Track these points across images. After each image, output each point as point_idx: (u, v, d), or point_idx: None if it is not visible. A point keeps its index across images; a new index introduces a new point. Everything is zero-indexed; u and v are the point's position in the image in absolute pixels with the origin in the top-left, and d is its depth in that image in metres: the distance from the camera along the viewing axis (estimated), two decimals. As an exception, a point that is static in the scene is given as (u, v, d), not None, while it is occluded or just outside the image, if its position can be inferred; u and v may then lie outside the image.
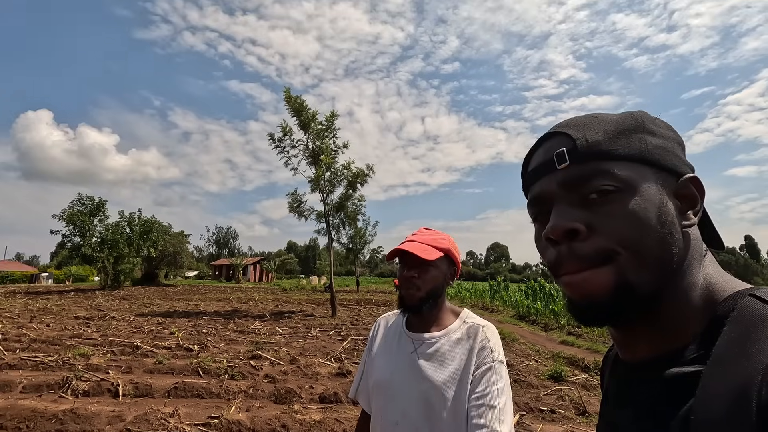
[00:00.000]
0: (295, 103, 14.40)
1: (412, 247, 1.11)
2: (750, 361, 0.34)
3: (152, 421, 3.93)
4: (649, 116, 0.49)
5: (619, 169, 0.44)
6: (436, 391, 1.04)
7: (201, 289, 32.40)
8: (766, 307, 0.37)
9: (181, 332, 9.51)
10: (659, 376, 0.42)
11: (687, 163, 0.48)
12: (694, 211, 0.46)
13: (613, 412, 0.51)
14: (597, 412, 4.54)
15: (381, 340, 1.23)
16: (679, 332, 0.43)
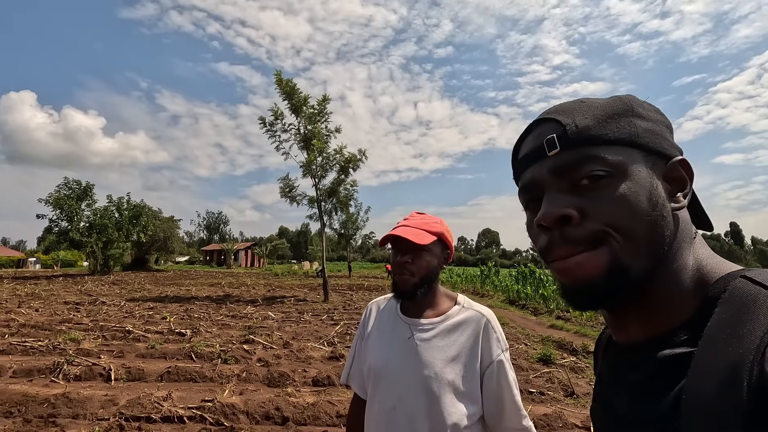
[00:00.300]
0: (286, 87, 14.17)
1: (405, 232, 1.09)
2: (741, 342, 0.34)
3: (145, 405, 3.94)
4: (637, 100, 0.48)
5: (609, 154, 0.44)
6: (434, 376, 1.04)
7: (192, 275, 32.28)
8: (757, 288, 0.37)
9: (172, 317, 9.49)
10: (652, 358, 0.43)
11: (675, 145, 0.48)
12: (683, 194, 0.46)
13: (607, 394, 0.51)
14: (585, 394, 4.66)
15: (374, 325, 1.21)
16: (671, 314, 0.43)
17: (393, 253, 1.14)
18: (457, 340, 1.08)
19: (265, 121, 14.62)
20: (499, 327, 1.13)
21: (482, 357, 1.07)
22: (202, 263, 63.16)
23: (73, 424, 3.59)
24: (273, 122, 14.63)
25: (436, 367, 1.05)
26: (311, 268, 44.42)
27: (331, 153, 14.89)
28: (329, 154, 14.87)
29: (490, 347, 1.08)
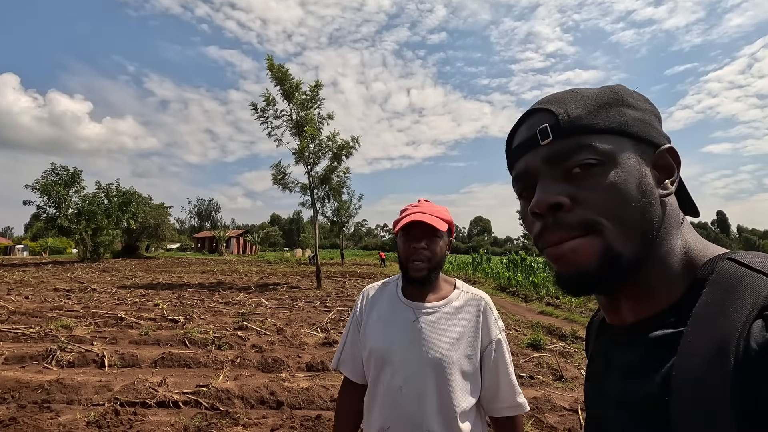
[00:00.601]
0: (278, 72, 13.97)
1: (427, 218, 1.11)
2: (728, 320, 0.36)
3: (140, 390, 3.96)
4: (627, 89, 0.50)
5: (600, 143, 0.45)
6: (440, 356, 1.08)
7: (184, 262, 32.14)
8: (743, 269, 0.38)
9: (165, 304, 9.48)
10: (643, 339, 0.44)
11: (664, 134, 0.49)
12: (671, 181, 0.47)
13: (600, 374, 0.53)
14: (573, 378, 4.78)
15: (372, 310, 1.23)
16: (661, 296, 0.45)
17: (405, 239, 1.15)
18: (459, 323, 1.13)
19: (256, 107, 14.45)
20: (495, 310, 1.19)
21: (482, 338, 1.12)
22: (193, 251, 62.79)
23: (68, 409, 3.61)
24: (265, 108, 14.46)
25: (442, 348, 1.08)
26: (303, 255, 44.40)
27: (323, 140, 14.78)
28: (322, 141, 14.76)
29: (489, 328, 1.13)
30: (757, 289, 0.36)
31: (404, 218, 1.14)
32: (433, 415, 1.05)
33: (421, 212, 1.13)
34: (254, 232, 67.08)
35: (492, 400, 1.13)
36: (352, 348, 1.25)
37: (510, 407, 1.13)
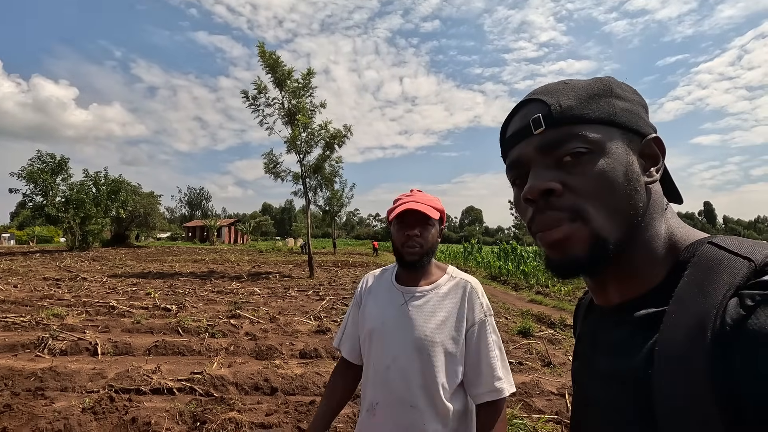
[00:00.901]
0: (269, 59, 13.79)
1: (420, 207, 1.17)
2: (707, 299, 0.38)
3: (135, 378, 3.99)
4: (616, 81, 0.52)
5: (590, 132, 0.47)
6: (425, 337, 1.13)
7: (175, 251, 31.93)
8: (722, 252, 0.41)
9: (157, 293, 9.46)
10: (628, 318, 0.47)
11: (650, 124, 0.52)
12: (656, 169, 0.49)
13: (587, 353, 0.57)
14: (561, 364, 4.90)
15: (371, 293, 1.30)
16: (645, 278, 0.48)
17: (399, 227, 1.20)
18: (446, 306, 1.18)
19: (248, 94, 14.28)
20: (483, 294, 1.23)
21: (467, 320, 1.17)
22: (184, 240, 62.33)
23: (62, 396, 3.63)
24: (256, 96, 14.29)
25: (427, 330, 1.14)
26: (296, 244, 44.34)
27: (316, 128, 14.69)
28: (314, 130, 14.67)
29: (474, 311, 1.18)
30: (734, 270, 0.39)
31: (398, 207, 1.19)
32: (418, 392, 1.11)
33: (415, 201, 1.19)
34: (245, 221, 66.70)
35: (472, 384, 1.14)
36: (351, 328, 1.33)
37: (488, 392, 1.12)
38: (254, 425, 3.15)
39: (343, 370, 1.34)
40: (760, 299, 0.35)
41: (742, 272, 0.38)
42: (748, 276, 0.38)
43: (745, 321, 0.35)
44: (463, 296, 1.19)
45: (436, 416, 1.12)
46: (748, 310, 0.35)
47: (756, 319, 0.35)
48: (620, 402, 0.46)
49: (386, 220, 1.27)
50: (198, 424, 3.16)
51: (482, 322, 1.18)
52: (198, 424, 3.17)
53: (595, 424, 0.51)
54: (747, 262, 0.39)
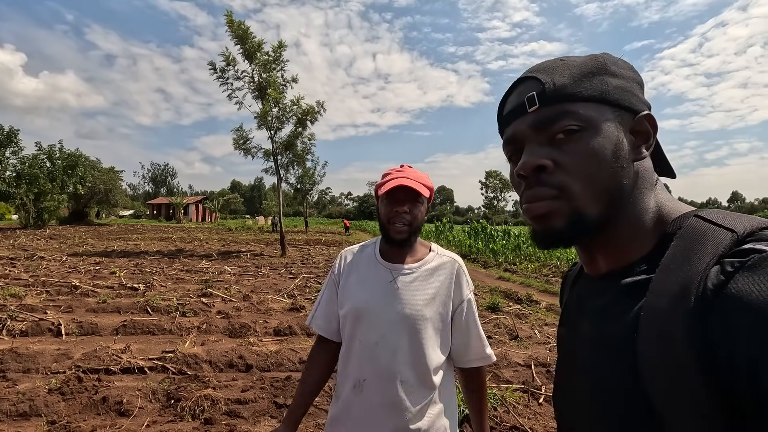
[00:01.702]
0: (238, 29, 13.18)
1: (411, 183, 1.15)
2: (692, 267, 0.41)
3: (103, 358, 3.89)
4: (611, 58, 0.52)
5: (582, 110, 0.49)
6: (415, 314, 1.15)
7: (139, 229, 30.78)
8: (707, 224, 0.44)
9: (122, 272, 9.15)
10: (616, 285, 0.50)
11: (644, 101, 0.53)
12: (647, 146, 0.51)
13: (574, 319, 0.60)
14: (527, 337, 5.13)
15: (352, 271, 1.28)
16: (633, 249, 0.50)
17: (388, 202, 1.19)
18: (434, 283, 1.20)
19: (215, 66, 13.67)
20: (467, 272, 1.27)
21: (454, 297, 1.20)
22: (148, 217, 60.02)
23: (25, 377, 3.50)
24: (224, 68, 13.72)
25: (416, 306, 1.16)
26: (266, 223, 43.57)
27: (287, 104, 14.30)
28: (285, 105, 14.28)
29: (461, 289, 1.22)
30: (717, 240, 0.41)
31: (389, 182, 1.17)
32: (406, 367, 1.14)
33: (405, 177, 1.17)
34: (214, 198, 64.85)
35: (463, 353, 1.22)
36: (327, 306, 1.30)
37: (480, 358, 1.23)
38: (230, 401, 3.16)
39: (322, 348, 1.31)
40: (739, 266, 0.38)
41: (725, 242, 0.41)
42: (730, 246, 0.40)
43: (725, 286, 0.38)
44: (452, 274, 1.21)
45: (423, 390, 1.15)
46: (727, 275, 0.38)
47: (734, 284, 0.37)
48: (606, 365, 0.48)
49: (375, 195, 1.25)
50: (172, 402, 3.14)
51: (469, 300, 1.22)
52: (172, 401, 3.15)
53: (581, 387, 0.53)
54: (730, 233, 0.41)
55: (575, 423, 0.55)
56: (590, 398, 0.51)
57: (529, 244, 15.56)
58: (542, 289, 9.08)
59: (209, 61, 13.65)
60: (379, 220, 1.23)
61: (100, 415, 2.97)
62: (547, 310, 7.06)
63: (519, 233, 18.00)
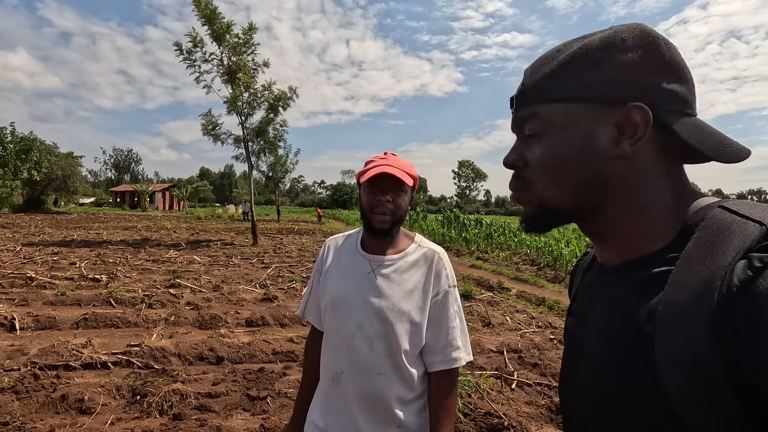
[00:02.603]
0: (205, 9, 12.61)
1: (395, 171, 1.10)
2: (715, 261, 0.38)
3: (62, 353, 3.69)
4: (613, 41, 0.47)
5: (546, 111, 0.50)
6: (392, 306, 1.11)
7: (101, 217, 29.44)
8: (732, 216, 0.41)
9: (83, 262, 8.72)
10: (631, 277, 0.48)
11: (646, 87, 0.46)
12: (632, 140, 0.46)
13: (584, 309, 0.58)
14: (499, 324, 5.23)
15: (333, 260, 1.24)
16: (648, 240, 0.48)
17: (371, 190, 1.14)
18: (413, 276, 1.16)
19: (181, 48, 13.06)
20: (449, 264, 1.22)
21: (432, 289, 1.16)
22: (111, 205, 57.42)
23: (-25, 376, 3.28)
24: (191, 50, 13.12)
25: (393, 298, 1.12)
26: (237, 211, 42.57)
27: (258, 89, 13.88)
28: (257, 90, 13.86)
29: (440, 281, 1.17)
30: (744, 234, 0.39)
31: (372, 169, 1.11)
32: (383, 359, 1.11)
33: (389, 165, 1.12)
34: (182, 186, 62.77)
35: (430, 351, 1.14)
36: (315, 296, 1.27)
37: (444, 361, 1.13)
38: (200, 395, 3.07)
39: (315, 340, 1.28)
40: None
41: (753, 236, 0.38)
42: (759, 239, 0.38)
43: (752, 282, 0.35)
44: (431, 266, 1.17)
45: (401, 382, 1.12)
46: (755, 271, 0.35)
47: (762, 280, 0.35)
48: (617, 358, 0.46)
49: (357, 182, 1.19)
50: (138, 398, 3.01)
51: (446, 293, 1.17)
52: (138, 397, 3.02)
53: (588, 378, 0.52)
54: (759, 225, 0.39)
55: (581, 414, 0.54)
56: (598, 390, 0.49)
57: (500, 233, 15.89)
58: (513, 277, 9.30)
59: (175, 42, 13.03)
60: (360, 208, 1.18)
61: (59, 413, 2.82)
62: (518, 297, 7.23)
63: (491, 222, 18.34)
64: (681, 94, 0.47)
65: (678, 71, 0.47)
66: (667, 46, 0.47)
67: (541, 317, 5.79)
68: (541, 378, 3.62)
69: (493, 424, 2.81)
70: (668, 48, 0.47)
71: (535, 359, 4.00)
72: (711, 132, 0.47)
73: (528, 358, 4.05)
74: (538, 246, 12.32)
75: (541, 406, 3.13)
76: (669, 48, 0.47)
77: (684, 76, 0.48)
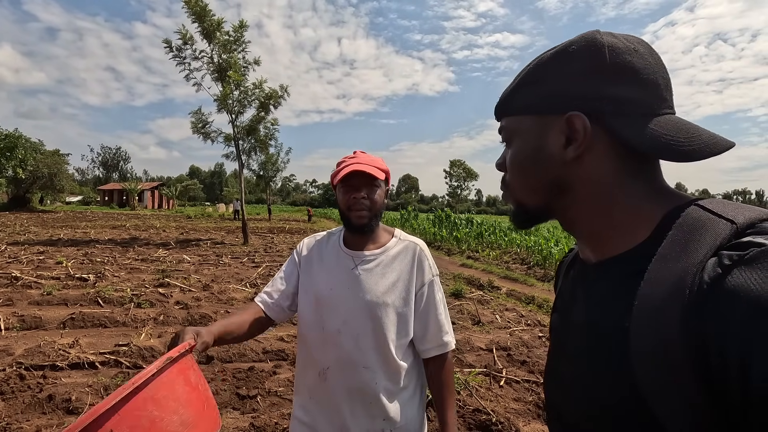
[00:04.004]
0: (195, 6, 12.48)
1: (365, 168, 1.13)
2: (689, 257, 0.40)
3: (48, 353, 3.65)
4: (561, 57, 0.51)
5: (508, 123, 0.58)
6: (377, 300, 1.15)
7: (89, 216, 29.01)
8: (707, 214, 0.43)
9: (70, 261, 8.60)
10: (611, 273, 0.50)
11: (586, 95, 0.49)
12: (575, 146, 0.49)
13: (567, 306, 0.60)
14: (489, 322, 5.27)
15: (315, 258, 1.26)
16: (623, 238, 0.50)
17: (345, 190, 1.17)
18: (396, 269, 1.19)
19: (171, 45, 12.93)
20: (430, 255, 1.26)
21: (416, 281, 1.20)
22: (99, 204, 56.56)
23: (-42, 377, 3.22)
24: (181, 47, 13.00)
25: (377, 293, 1.15)
26: (227, 210, 42.23)
27: (249, 87, 13.76)
28: (247, 89, 13.74)
29: (423, 272, 1.21)
30: (716, 231, 0.40)
31: (342, 169, 1.15)
32: (370, 353, 1.14)
33: (359, 162, 1.15)
34: (171, 185, 62.07)
35: (421, 340, 1.20)
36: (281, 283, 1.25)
37: (436, 346, 1.20)
38: (189, 395, 3.05)
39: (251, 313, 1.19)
40: (737, 259, 0.37)
41: (724, 233, 0.40)
42: (729, 237, 0.39)
43: (722, 279, 0.37)
44: (413, 258, 1.21)
45: (388, 374, 1.15)
46: (725, 269, 0.37)
47: (731, 278, 0.36)
48: (596, 353, 0.48)
49: (330, 184, 1.23)
50: (126, 398, 2.99)
51: (431, 283, 1.21)
52: (126, 397, 3.00)
53: (570, 373, 0.54)
54: (729, 224, 0.40)
55: (563, 408, 0.56)
56: (578, 385, 0.51)
57: (491, 232, 16.00)
58: (503, 276, 9.37)
59: (164, 39, 12.91)
60: (339, 209, 1.21)
61: (46, 414, 2.79)
62: (508, 296, 7.30)
63: (481, 221, 18.44)
64: (630, 97, 0.48)
65: (626, 75, 0.48)
66: (614, 52, 0.48)
67: (530, 315, 5.85)
68: (529, 375, 3.67)
69: (482, 421, 2.85)
70: (615, 54, 0.48)
71: (524, 356, 4.05)
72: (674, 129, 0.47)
73: (517, 355, 4.10)
74: (528, 245, 12.43)
75: (528, 402, 3.18)
76: (616, 54, 0.48)
77: (636, 79, 0.48)
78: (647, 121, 0.48)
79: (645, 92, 0.48)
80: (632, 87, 0.48)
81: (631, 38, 0.50)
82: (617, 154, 0.50)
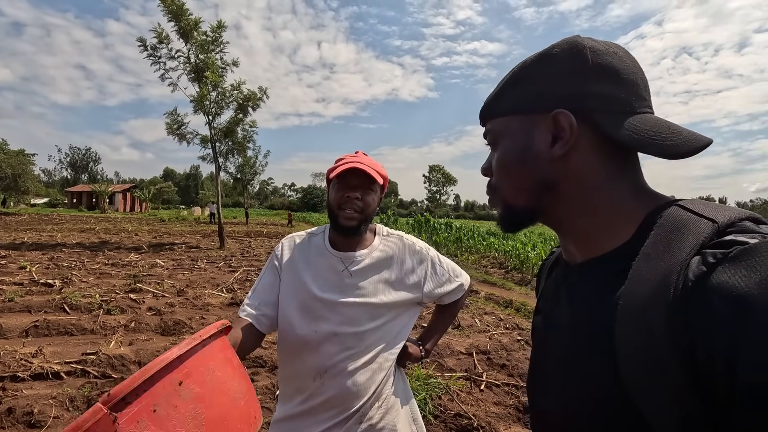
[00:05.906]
0: (172, 5, 12.20)
1: (366, 168, 1.09)
2: (672, 256, 0.40)
3: (8, 363, 3.45)
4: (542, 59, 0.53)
5: (494, 125, 0.57)
6: (370, 300, 1.13)
7: (55, 219, 27.83)
8: (688, 213, 0.44)
9: (34, 266, 8.19)
10: (594, 274, 0.50)
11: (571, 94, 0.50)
12: (561, 144, 0.50)
13: (549, 307, 0.60)
14: (468, 326, 5.30)
15: (298, 260, 1.19)
16: (606, 237, 0.50)
17: (340, 187, 1.12)
18: (388, 265, 1.18)
19: (146, 43, 12.58)
20: (415, 238, 1.27)
21: (415, 268, 1.20)
22: (67, 206, 54.36)
23: None
24: (156, 46, 12.66)
25: (372, 292, 1.13)
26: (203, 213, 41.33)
27: (227, 88, 13.54)
28: (225, 90, 13.51)
29: (419, 254, 1.22)
30: (698, 230, 0.41)
31: (342, 165, 1.10)
32: (368, 351, 1.12)
33: (360, 162, 1.11)
34: (144, 187, 60.39)
35: (442, 297, 1.27)
36: (264, 293, 1.17)
37: (454, 292, 1.28)
38: (162, 405, 2.93)
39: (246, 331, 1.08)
40: (722, 257, 0.37)
41: (706, 232, 0.40)
42: (711, 236, 0.40)
43: (706, 278, 0.37)
44: (402, 250, 1.20)
45: (383, 374, 1.15)
46: (709, 267, 0.38)
47: (716, 275, 0.37)
48: (581, 353, 0.48)
49: (326, 179, 1.18)
50: (94, 409, 2.85)
51: (431, 261, 1.23)
52: (94, 408, 2.86)
53: (555, 374, 0.53)
54: (711, 223, 0.41)
55: (548, 409, 0.55)
56: (564, 386, 0.51)
57: (469, 236, 16.18)
58: (482, 280, 9.47)
59: (139, 37, 12.54)
60: (328, 206, 1.16)
61: (5, 428, 2.63)
62: (486, 300, 7.37)
63: (460, 226, 18.66)
64: (613, 95, 0.49)
65: (608, 75, 0.49)
66: (595, 54, 0.50)
67: (508, 319, 5.91)
68: (509, 378, 3.69)
69: (463, 425, 2.84)
70: (596, 55, 0.50)
71: (503, 360, 4.08)
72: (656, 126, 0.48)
73: (496, 359, 4.12)
74: (506, 249, 12.62)
75: (509, 406, 3.19)
76: (597, 55, 0.50)
77: (617, 78, 0.49)
78: (629, 118, 0.49)
79: (626, 91, 0.50)
80: (614, 86, 0.49)
81: (610, 43, 0.53)
82: (603, 152, 0.51)
